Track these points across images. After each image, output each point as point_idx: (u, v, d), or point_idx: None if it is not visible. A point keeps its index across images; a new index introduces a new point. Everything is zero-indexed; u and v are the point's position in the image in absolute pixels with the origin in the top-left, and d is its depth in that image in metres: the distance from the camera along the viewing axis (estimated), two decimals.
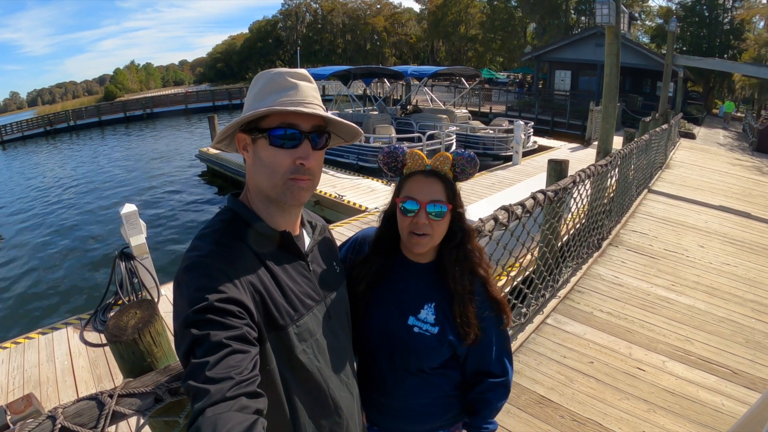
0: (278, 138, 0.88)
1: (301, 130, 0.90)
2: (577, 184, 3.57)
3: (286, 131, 0.88)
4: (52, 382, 3.40)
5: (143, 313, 1.11)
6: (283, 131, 0.88)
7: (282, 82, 0.91)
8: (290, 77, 0.91)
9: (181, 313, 0.78)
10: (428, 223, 1.12)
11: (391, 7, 66.64)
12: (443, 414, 1.29)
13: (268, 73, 0.93)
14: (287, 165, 0.89)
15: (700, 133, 19.12)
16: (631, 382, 2.80)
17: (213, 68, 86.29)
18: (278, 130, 0.88)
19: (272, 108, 0.87)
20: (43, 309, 6.93)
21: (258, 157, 0.91)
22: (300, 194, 0.92)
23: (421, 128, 12.80)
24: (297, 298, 0.94)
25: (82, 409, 0.94)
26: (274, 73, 0.92)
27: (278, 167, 0.89)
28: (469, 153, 1.14)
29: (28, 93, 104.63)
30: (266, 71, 0.94)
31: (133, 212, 4.34)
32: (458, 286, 1.17)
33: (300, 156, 0.90)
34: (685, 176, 9.52)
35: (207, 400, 0.67)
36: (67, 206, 12.90)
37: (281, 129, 0.88)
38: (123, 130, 29.05)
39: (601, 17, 6.34)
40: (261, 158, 0.91)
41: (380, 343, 1.21)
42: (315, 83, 0.96)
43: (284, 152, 0.89)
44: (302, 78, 0.92)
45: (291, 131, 0.89)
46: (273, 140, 0.89)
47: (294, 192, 0.91)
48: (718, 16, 31.99)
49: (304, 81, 0.92)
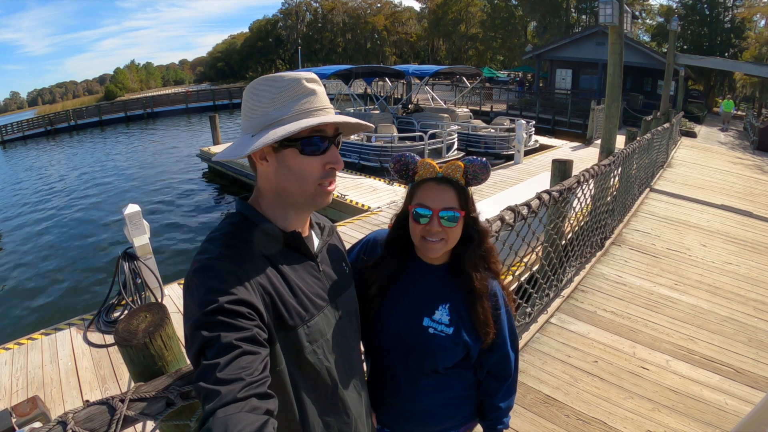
0: (309, 146, 0.90)
1: (328, 135, 0.93)
2: (582, 184, 3.57)
3: (319, 140, 0.91)
4: (56, 383, 3.41)
5: (153, 317, 1.11)
6: (316, 140, 0.90)
7: (299, 88, 0.90)
8: (308, 83, 0.91)
9: (191, 315, 0.78)
10: (441, 230, 1.12)
11: (392, 6, 66.64)
12: (455, 414, 1.30)
13: (281, 80, 0.91)
14: (318, 171, 0.92)
15: (701, 131, 19.11)
16: (635, 381, 2.81)
17: (213, 67, 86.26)
18: (312, 139, 0.90)
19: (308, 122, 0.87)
20: (46, 309, 6.92)
21: (285, 165, 0.91)
22: (329, 198, 0.96)
23: (422, 127, 12.80)
24: (307, 298, 0.94)
25: (92, 414, 0.94)
26: (289, 80, 0.91)
27: (310, 174, 0.91)
28: (482, 159, 1.14)
29: (28, 93, 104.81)
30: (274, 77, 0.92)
31: (137, 212, 4.33)
32: (479, 286, 1.18)
33: (329, 161, 0.92)
34: (687, 175, 9.52)
35: (218, 401, 0.67)
36: (68, 206, 12.90)
37: (313, 138, 0.90)
38: (124, 129, 29.04)
39: (604, 17, 6.33)
40: (289, 167, 0.91)
41: (394, 345, 1.21)
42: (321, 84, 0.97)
43: (315, 159, 0.91)
44: (316, 82, 0.93)
45: (321, 139, 0.91)
46: (306, 150, 0.90)
47: (324, 197, 0.95)
48: (719, 15, 31.96)
49: (318, 84, 0.94)
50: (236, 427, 0.64)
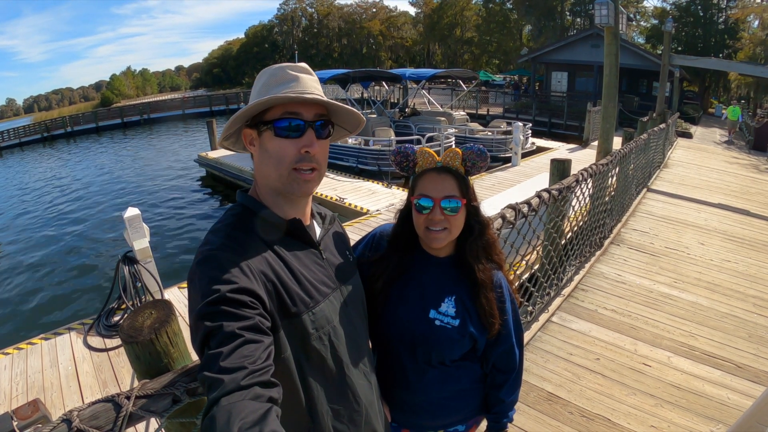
0: (282, 129, 0.91)
1: (305, 119, 0.92)
2: (580, 183, 3.58)
3: (290, 122, 0.91)
4: (57, 387, 3.39)
5: (159, 313, 1.11)
6: (287, 122, 0.91)
7: (283, 75, 0.93)
8: (291, 70, 0.94)
9: (195, 306, 0.79)
10: (444, 219, 1.13)
11: (387, 10, 66.80)
12: (462, 407, 1.30)
13: (270, 69, 0.96)
14: (293, 154, 0.91)
15: (697, 132, 19.20)
16: (637, 378, 2.81)
17: (209, 73, 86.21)
18: (282, 121, 0.90)
19: (273, 97, 0.88)
20: (45, 314, 6.89)
21: (264, 149, 0.93)
22: (306, 186, 0.94)
23: (419, 131, 12.83)
24: (312, 285, 0.94)
25: (98, 412, 0.93)
26: (275, 68, 0.95)
27: (284, 157, 0.91)
28: (479, 147, 1.15)
29: (24, 100, 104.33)
30: (268, 67, 0.97)
31: (136, 216, 4.33)
32: (482, 276, 1.19)
33: (304, 144, 0.91)
34: (684, 175, 9.56)
35: (221, 390, 0.68)
36: (67, 212, 12.86)
37: (285, 119, 0.91)
38: (121, 135, 29.03)
39: (600, 18, 6.38)
40: (267, 150, 0.93)
41: (401, 338, 1.22)
42: (316, 76, 0.98)
43: (289, 142, 0.91)
44: (303, 71, 0.95)
45: (295, 122, 0.91)
46: (278, 131, 0.91)
47: (300, 183, 0.93)
48: (712, 16, 32.20)
49: (305, 73, 0.95)
50: (239, 415, 0.64)
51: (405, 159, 1.19)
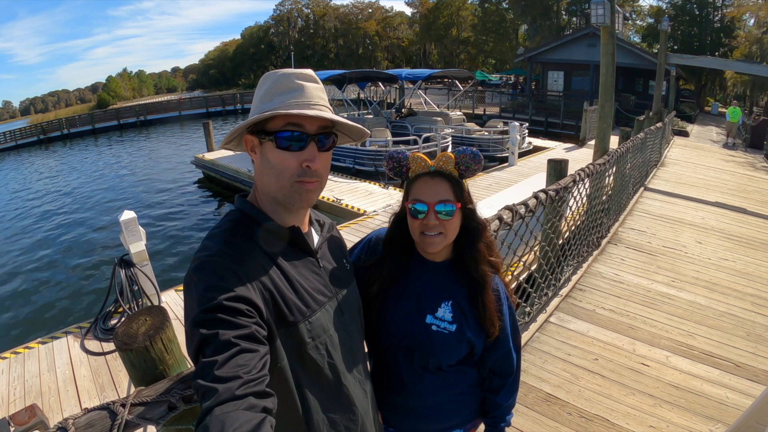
0: (284, 140, 0.88)
1: (307, 132, 0.90)
2: (577, 183, 3.58)
3: (292, 134, 0.88)
4: (54, 392, 3.37)
5: (154, 320, 1.10)
6: (289, 134, 0.88)
7: (288, 83, 0.91)
8: (296, 78, 0.91)
9: (191, 313, 0.78)
10: (439, 223, 1.13)
11: (383, 11, 66.72)
12: (459, 412, 1.29)
13: (275, 74, 0.93)
14: (294, 168, 0.89)
15: (694, 130, 19.25)
16: (636, 378, 2.81)
17: (206, 75, 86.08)
18: (284, 133, 0.88)
19: (276, 111, 0.86)
20: (42, 318, 6.86)
21: (265, 159, 0.91)
22: (307, 196, 0.92)
23: (416, 131, 12.82)
24: (308, 294, 0.93)
25: (93, 420, 0.93)
26: (280, 74, 0.92)
27: (285, 170, 0.89)
28: (472, 150, 1.14)
29: (20, 102, 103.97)
30: (273, 72, 0.94)
31: (133, 219, 4.31)
32: (480, 279, 1.18)
33: (306, 158, 0.89)
34: (680, 173, 9.58)
35: (215, 399, 0.67)
36: (63, 214, 12.81)
37: (287, 131, 0.88)
38: (117, 137, 28.92)
39: (596, 17, 6.37)
40: (268, 160, 0.90)
41: (398, 343, 1.21)
42: (321, 84, 0.96)
43: (291, 155, 0.89)
44: (308, 79, 0.92)
45: (297, 133, 0.89)
46: (279, 142, 0.88)
47: (301, 194, 0.91)
48: (708, 15, 32.26)
49: (311, 82, 0.92)
50: (233, 426, 0.63)
51: (398, 164, 1.18)
